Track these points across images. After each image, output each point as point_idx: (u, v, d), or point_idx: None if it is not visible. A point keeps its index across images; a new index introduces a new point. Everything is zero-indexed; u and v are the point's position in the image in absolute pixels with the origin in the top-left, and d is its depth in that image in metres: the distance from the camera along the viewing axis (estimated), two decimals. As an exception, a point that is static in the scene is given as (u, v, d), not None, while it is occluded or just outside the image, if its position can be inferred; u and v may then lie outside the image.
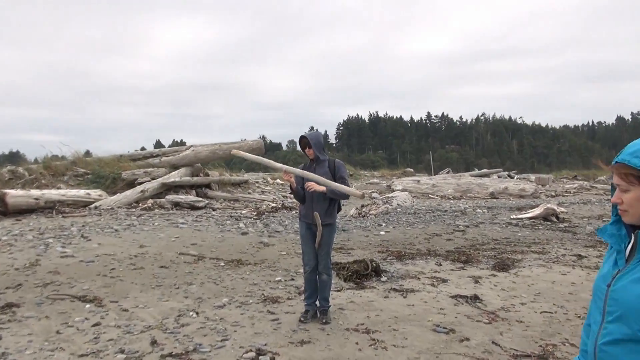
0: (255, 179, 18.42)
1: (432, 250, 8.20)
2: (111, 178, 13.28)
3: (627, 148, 1.55)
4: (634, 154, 1.52)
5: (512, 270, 6.82)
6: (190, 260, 6.78)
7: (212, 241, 8.03)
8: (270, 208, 12.40)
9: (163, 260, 6.65)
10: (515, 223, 11.29)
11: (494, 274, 6.57)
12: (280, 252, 7.61)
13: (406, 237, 9.31)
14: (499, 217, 12.25)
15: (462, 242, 8.95)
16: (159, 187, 12.85)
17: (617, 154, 1.56)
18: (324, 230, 4.58)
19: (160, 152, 15.61)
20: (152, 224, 9.38)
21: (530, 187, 19.74)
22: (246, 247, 7.78)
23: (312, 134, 4.77)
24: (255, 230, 9.34)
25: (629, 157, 1.53)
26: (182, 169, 14.11)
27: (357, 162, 59.78)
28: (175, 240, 7.92)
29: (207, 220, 10.23)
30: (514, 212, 13.43)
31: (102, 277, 5.84)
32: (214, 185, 14.52)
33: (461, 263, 7.27)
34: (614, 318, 1.53)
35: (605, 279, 1.60)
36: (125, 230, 8.67)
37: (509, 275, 6.56)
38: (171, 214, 10.81)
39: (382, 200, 14.02)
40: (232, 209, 12.45)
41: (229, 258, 7.01)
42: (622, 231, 1.64)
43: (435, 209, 13.70)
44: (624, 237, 1.63)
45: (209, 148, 14.41)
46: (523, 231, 10.28)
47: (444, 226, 10.72)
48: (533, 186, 20.15)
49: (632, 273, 1.54)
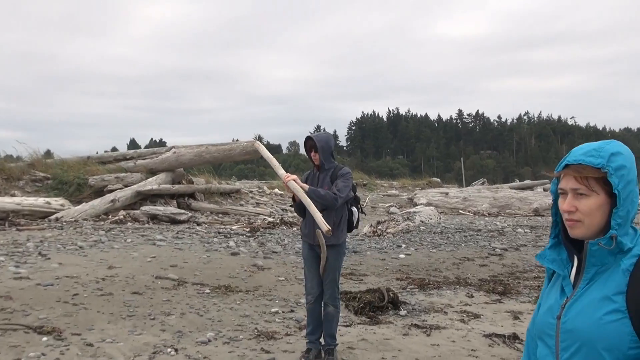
0: (249, 188, 18.55)
1: (462, 278, 8.21)
2: (76, 184, 13.38)
3: (576, 150, 1.62)
4: (588, 154, 1.59)
5: (560, 304, 6.81)
6: (168, 285, 6.80)
7: (195, 263, 8.06)
8: (266, 224, 12.43)
9: (136, 285, 6.67)
10: (564, 246, 11.34)
11: (537, 309, 6.57)
12: (278, 277, 7.64)
13: (431, 262, 9.32)
14: (545, 239, 12.28)
15: (498, 269, 8.96)
16: (133, 196, 12.93)
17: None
18: (329, 252, 4.58)
19: (135, 153, 15.71)
20: (123, 240, 9.42)
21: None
22: (237, 270, 7.82)
23: (321, 136, 4.85)
24: (248, 250, 9.39)
25: (583, 157, 1.58)
26: (161, 174, 14.21)
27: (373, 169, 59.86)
28: (152, 260, 7.97)
29: (190, 237, 10.31)
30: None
31: (63, 304, 5.85)
32: (199, 194, 14.61)
33: (497, 294, 7.26)
34: (572, 353, 1.56)
35: (553, 312, 1.64)
36: (91, 247, 8.71)
37: (555, 310, 6.54)
38: (147, 229, 10.86)
39: (402, 216, 14.03)
40: (221, 223, 12.50)
41: (215, 284, 7.04)
42: (562, 255, 1.69)
43: (466, 227, 13.76)
44: (565, 262, 1.68)
45: (194, 150, 14.49)
46: (574, 257, 10.30)
47: (477, 249, 10.75)
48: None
49: (586, 296, 1.58)
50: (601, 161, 1.57)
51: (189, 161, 14.57)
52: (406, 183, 26.94)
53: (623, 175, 1.57)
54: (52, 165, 14.45)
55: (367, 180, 25.83)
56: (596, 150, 1.60)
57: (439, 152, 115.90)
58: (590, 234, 1.60)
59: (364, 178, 25.74)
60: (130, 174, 14.00)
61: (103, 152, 17.96)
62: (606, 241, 1.56)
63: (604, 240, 1.56)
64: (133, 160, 14.89)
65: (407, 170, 76.95)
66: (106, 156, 15.89)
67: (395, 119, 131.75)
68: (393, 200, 20.77)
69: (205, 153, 14.36)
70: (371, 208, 18.42)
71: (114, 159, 15.32)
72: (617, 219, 1.56)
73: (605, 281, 1.57)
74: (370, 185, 24.78)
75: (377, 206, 19.08)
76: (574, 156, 1.60)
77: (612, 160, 1.57)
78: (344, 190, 4.58)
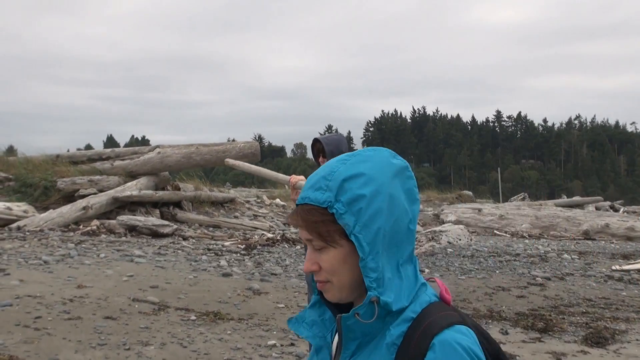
0: (246, 197, 18.67)
1: (495, 311, 8.24)
2: (42, 187, 13.47)
3: (310, 178, 1.38)
4: (315, 186, 1.34)
5: (612, 345, 6.79)
6: (147, 310, 6.82)
7: (180, 284, 8.08)
8: (265, 240, 12.47)
9: (109, 309, 6.69)
10: (619, 277, 11.28)
11: (584, 351, 6.56)
12: (277, 303, 7.65)
13: (459, 291, 9.38)
14: (595, 268, 12.26)
15: (539, 302, 8.98)
16: (109, 203, 13.02)
17: None
18: None
19: (113, 153, 15.78)
20: (96, 255, 9.44)
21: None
22: (228, 294, 7.85)
23: (331, 138, 4.88)
24: (243, 271, 9.42)
25: (310, 192, 1.34)
26: (143, 178, 14.31)
27: (393, 178, 59.84)
28: (128, 280, 7.99)
29: (175, 253, 10.37)
30: (617, 260, 13.42)
31: (23, 329, 5.85)
32: (186, 203, 14.69)
33: (537, 332, 7.27)
34: None
35: None
36: (58, 262, 8.72)
37: (606, 353, 6.53)
38: (124, 243, 10.89)
39: (425, 236, 14.07)
40: (211, 238, 12.55)
41: (202, 309, 7.07)
42: (326, 314, 1.46)
43: (502, 251, 13.77)
44: (328, 324, 1.46)
45: (182, 151, 14.61)
46: (630, 289, 10.26)
47: (514, 277, 10.77)
48: (647, 224, 19.95)
49: None
50: (328, 196, 1.31)
51: (175, 163, 14.66)
52: (432, 196, 26.94)
53: (361, 210, 1.29)
54: (14, 164, 14.61)
55: None
56: (325, 179, 1.33)
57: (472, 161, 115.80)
58: (347, 295, 1.37)
59: None
60: (106, 177, 14.08)
61: (75, 151, 18.11)
62: (364, 310, 1.31)
63: (361, 310, 1.31)
64: (110, 161, 14.96)
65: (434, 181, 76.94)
66: (79, 155, 16.01)
67: (420, 120, 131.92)
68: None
69: (196, 154, 14.49)
70: None
71: (87, 159, 15.40)
72: (370, 274, 1.30)
73: (369, 356, 1.35)
74: None
75: None
76: (303, 190, 1.36)
77: (343, 190, 1.30)
78: None
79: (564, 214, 20.54)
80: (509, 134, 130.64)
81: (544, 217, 20.14)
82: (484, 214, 20.33)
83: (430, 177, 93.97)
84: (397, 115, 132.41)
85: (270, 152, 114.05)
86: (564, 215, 20.27)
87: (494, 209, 21.28)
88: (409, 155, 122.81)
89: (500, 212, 20.51)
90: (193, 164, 14.92)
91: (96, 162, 15.15)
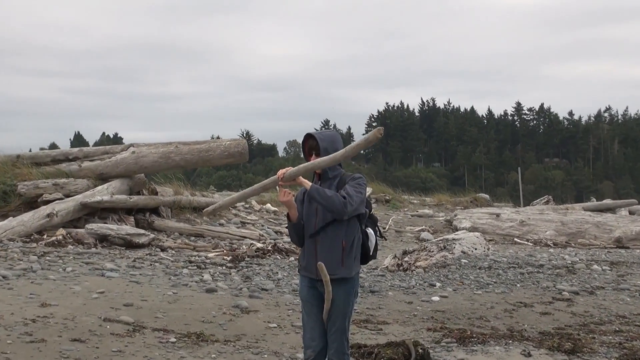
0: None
1: (516, 330, 8.21)
2: (0, 192, 13.46)
3: None
4: None
5: (650, 369, 6.79)
6: (121, 331, 6.80)
7: (157, 301, 8.05)
8: (254, 251, 12.43)
9: (77, 330, 6.65)
10: (657, 291, 11.27)
11: (618, 374, 6.55)
12: (268, 323, 7.64)
13: (474, 307, 9.36)
14: (630, 280, 12.21)
15: (566, 319, 8.94)
16: (77, 209, 12.99)
17: None
18: (336, 289, 4.61)
19: (81, 153, 15.67)
20: (62, 269, 9.36)
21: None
22: (213, 312, 7.83)
23: (325, 134, 4.85)
24: (229, 286, 9.38)
25: None
26: (115, 181, 14.26)
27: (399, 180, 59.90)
28: (99, 297, 7.95)
29: (152, 266, 10.30)
30: (654, 272, 13.39)
31: (-22, 353, 5.83)
32: (165, 209, 14.68)
33: (564, 353, 7.22)
34: None
35: None
36: (19, 277, 8.68)
37: (643, 377, 6.54)
38: (94, 255, 10.82)
39: (436, 245, 13.92)
40: (193, 249, 12.55)
41: (183, 330, 7.03)
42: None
43: (523, 262, 13.72)
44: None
45: (160, 150, 14.59)
46: (669, 305, 10.25)
47: (537, 291, 10.75)
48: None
49: None
50: None
51: (152, 164, 14.64)
52: (443, 199, 26.92)
53: None
54: (-32, 166, 14.47)
55: (391, 194, 25.77)
56: None
57: (489, 160, 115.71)
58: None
59: (387, 192, 25.71)
60: (73, 180, 14.02)
61: (38, 150, 18.00)
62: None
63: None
64: (78, 162, 14.91)
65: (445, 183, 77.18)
66: (42, 155, 15.91)
67: (430, 113, 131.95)
68: (425, 223, 20.60)
69: (175, 154, 14.48)
70: (395, 232, 18.40)
71: (52, 160, 15.32)
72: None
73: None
74: (395, 202, 24.71)
75: (404, 230, 19.04)
76: None
77: None
78: (356, 197, 4.54)
79: (593, 219, 20.42)
80: (531, 129, 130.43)
81: (571, 222, 20.03)
82: (502, 220, 20.22)
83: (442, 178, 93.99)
84: (404, 108, 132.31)
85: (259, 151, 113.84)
86: (593, 221, 20.16)
87: (513, 213, 21.11)
88: (417, 153, 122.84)
89: (521, 217, 20.38)
90: (172, 164, 14.86)
91: (62, 163, 15.03)
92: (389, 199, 24.73)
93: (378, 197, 24.18)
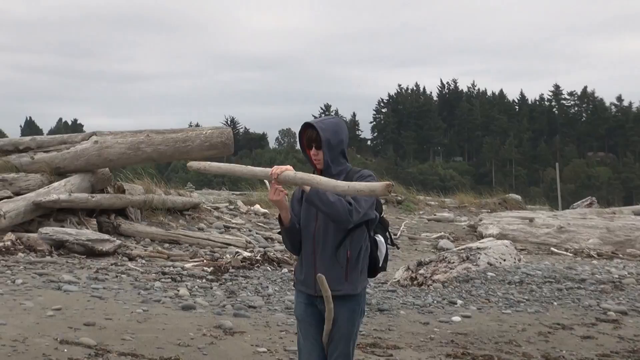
0: (214, 203, 18.76)
1: (553, 357, 8.12)
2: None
3: None
4: None
5: None
6: (80, 355, 6.72)
7: (124, 320, 8.02)
8: (240, 260, 12.27)
9: (29, 354, 6.59)
10: None
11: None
12: (256, 347, 7.57)
13: (503, 329, 9.22)
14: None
15: (612, 344, 8.78)
16: (29, 210, 12.75)
17: None
18: (339, 308, 4.51)
19: (34, 142, 15.55)
20: (11, 281, 9.40)
21: None
22: (191, 334, 7.75)
23: (327, 123, 4.72)
24: (210, 302, 9.34)
25: None
26: (75, 177, 14.09)
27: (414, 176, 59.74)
28: (55, 315, 7.94)
29: (118, 278, 10.29)
30: None
31: None
32: (133, 211, 14.53)
33: (610, 387, 7.23)
34: None
35: None
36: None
37: None
38: (49, 264, 10.81)
39: (458, 255, 13.57)
40: (167, 258, 12.43)
41: (155, 355, 6.96)
42: None
43: (561, 275, 13.42)
44: None
45: (128, 139, 14.33)
46: None
47: (577, 311, 10.54)
48: None
49: None
50: None
51: (119, 157, 14.42)
52: (466, 201, 26.80)
53: None
54: None
55: (404, 194, 25.71)
56: None
57: (521, 153, 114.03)
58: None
59: (398, 191, 25.59)
60: (24, 175, 13.95)
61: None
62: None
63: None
64: (30, 154, 14.82)
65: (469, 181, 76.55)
66: (-13, 146, 16.21)
67: (451, 97, 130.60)
68: (444, 228, 20.53)
69: (146, 144, 14.30)
70: (409, 240, 18.21)
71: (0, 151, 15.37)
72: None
73: None
74: (408, 204, 24.63)
75: (419, 237, 18.83)
76: None
77: None
78: (364, 202, 4.44)
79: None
80: (571, 117, 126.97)
81: (619, 229, 19.66)
82: (536, 226, 19.89)
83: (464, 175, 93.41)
84: (419, 91, 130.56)
85: (247, 142, 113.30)
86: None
87: (550, 218, 20.80)
88: (434, 145, 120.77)
89: (559, 222, 20.06)
90: (143, 157, 14.59)
91: (11, 154, 14.88)
92: (401, 199, 24.58)
93: (388, 198, 24.14)
